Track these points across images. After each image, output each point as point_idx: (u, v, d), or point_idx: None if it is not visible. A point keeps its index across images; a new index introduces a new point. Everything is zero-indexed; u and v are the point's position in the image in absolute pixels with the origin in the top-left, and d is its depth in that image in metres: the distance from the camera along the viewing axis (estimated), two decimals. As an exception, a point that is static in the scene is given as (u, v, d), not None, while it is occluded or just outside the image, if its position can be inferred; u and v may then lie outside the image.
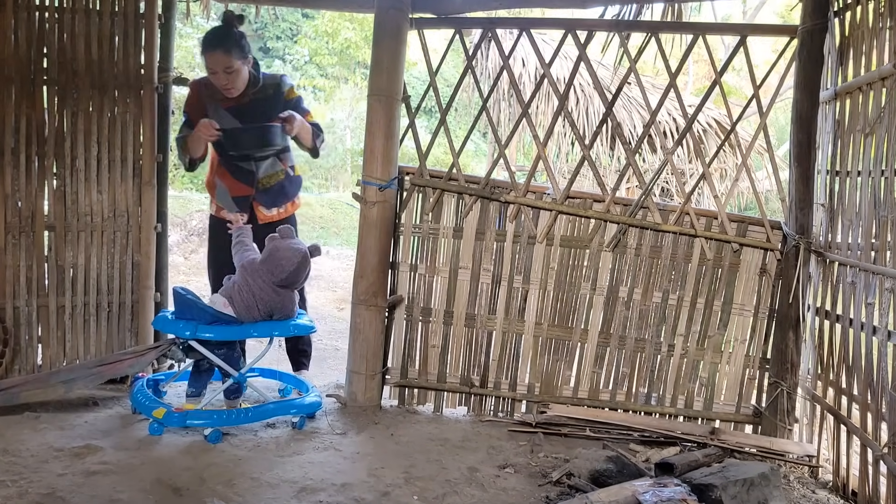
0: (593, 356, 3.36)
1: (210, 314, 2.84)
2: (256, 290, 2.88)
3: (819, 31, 3.05)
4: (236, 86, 3.17)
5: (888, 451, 2.47)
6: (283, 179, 3.37)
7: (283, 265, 2.87)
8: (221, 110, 3.24)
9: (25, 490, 2.24)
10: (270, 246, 2.93)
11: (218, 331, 2.84)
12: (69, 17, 3.20)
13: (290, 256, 2.88)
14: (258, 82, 3.26)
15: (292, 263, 2.87)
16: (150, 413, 2.77)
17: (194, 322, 2.81)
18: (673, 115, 7.44)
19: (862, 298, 2.68)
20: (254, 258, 2.97)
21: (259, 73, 3.27)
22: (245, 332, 2.94)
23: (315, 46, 16.20)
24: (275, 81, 3.33)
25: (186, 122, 3.30)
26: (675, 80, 3.22)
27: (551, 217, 3.30)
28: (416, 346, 3.44)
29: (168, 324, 2.90)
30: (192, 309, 2.85)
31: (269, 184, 3.33)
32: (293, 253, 2.89)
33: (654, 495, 2.19)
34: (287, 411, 3.00)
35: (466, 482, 2.55)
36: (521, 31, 3.35)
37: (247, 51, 3.16)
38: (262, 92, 3.27)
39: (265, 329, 2.95)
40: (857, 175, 2.83)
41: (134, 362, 2.98)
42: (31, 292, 3.23)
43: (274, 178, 3.35)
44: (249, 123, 3.21)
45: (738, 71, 13.67)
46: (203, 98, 3.27)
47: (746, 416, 3.29)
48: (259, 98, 3.26)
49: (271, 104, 3.26)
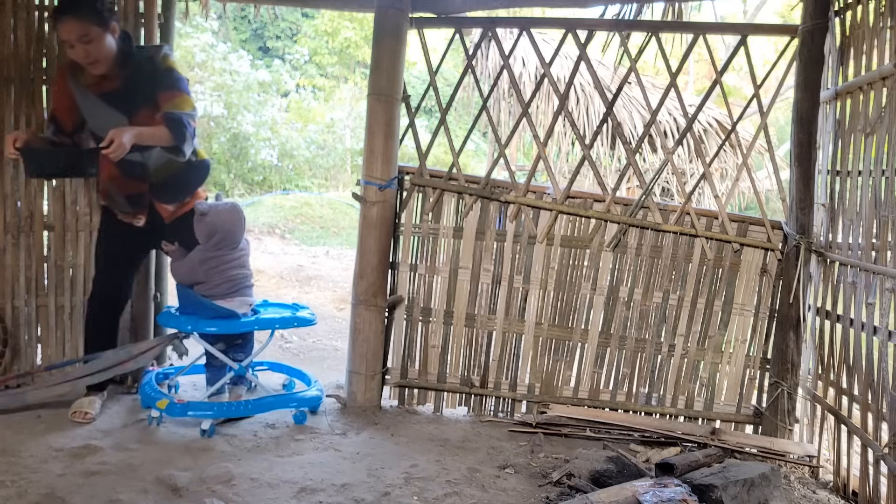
0: (594, 356, 3.36)
1: (211, 309, 2.91)
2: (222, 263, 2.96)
3: (820, 30, 3.05)
4: (99, 58, 2.68)
5: (889, 452, 2.46)
6: (183, 167, 2.94)
7: (229, 227, 2.95)
8: (91, 96, 2.80)
9: (25, 490, 2.24)
10: (207, 221, 2.92)
11: (219, 325, 2.92)
12: (69, 17, 3.19)
13: (231, 219, 2.97)
14: (129, 57, 2.78)
15: (234, 222, 2.97)
16: (154, 404, 2.84)
17: (196, 317, 2.90)
18: (673, 115, 7.44)
19: (862, 298, 2.68)
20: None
21: (130, 47, 2.81)
22: (246, 326, 2.99)
23: (315, 46, 16.22)
24: (148, 55, 2.84)
25: (51, 117, 2.89)
26: (675, 79, 3.21)
27: (551, 217, 3.30)
28: (416, 346, 3.44)
29: (172, 319, 2.99)
30: (195, 304, 2.92)
31: (165, 175, 2.93)
32: (230, 213, 2.97)
33: (655, 496, 2.18)
34: (287, 404, 3.04)
35: (466, 482, 2.55)
36: (522, 31, 3.35)
37: (107, 16, 2.69)
38: (135, 70, 2.78)
39: (267, 323, 3.05)
40: (857, 175, 2.82)
41: (140, 359, 3.01)
42: (31, 292, 3.23)
43: (170, 167, 2.92)
44: (125, 108, 2.77)
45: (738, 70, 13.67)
46: (69, 83, 2.81)
47: (747, 416, 3.29)
48: (132, 78, 2.79)
49: (148, 83, 2.79)
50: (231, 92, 11.63)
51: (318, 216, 10.46)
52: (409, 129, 3.39)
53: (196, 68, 11.41)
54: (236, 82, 11.80)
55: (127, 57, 2.77)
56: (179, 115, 2.77)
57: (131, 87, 2.78)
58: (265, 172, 12.04)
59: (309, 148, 12.95)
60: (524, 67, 7.33)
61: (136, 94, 2.79)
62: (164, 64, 2.83)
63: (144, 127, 2.71)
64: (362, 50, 15.79)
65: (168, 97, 2.79)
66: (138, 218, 2.96)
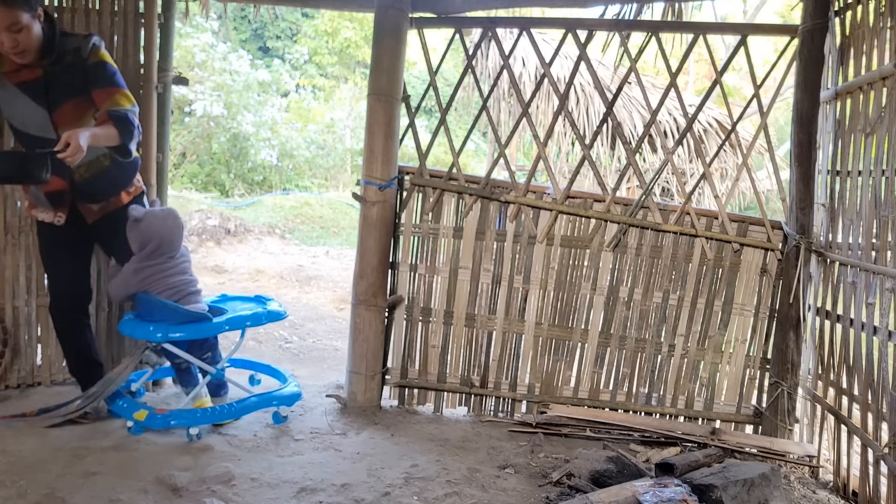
0: (594, 356, 3.36)
1: (182, 314, 2.78)
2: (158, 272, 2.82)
3: (820, 30, 3.05)
4: (27, 48, 2.51)
5: (889, 452, 2.46)
6: (110, 166, 2.78)
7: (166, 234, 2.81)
8: (11, 87, 2.61)
9: (25, 490, 2.24)
10: (142, 227, 2.78)
11: (189, 329, 2.79)
12: (69, 17, 3.19)
13: (168, 225, 2.83)
14: (52, 46, 2.58)
15: (171, 228, 2.84)
16: (131, 416, 2.75)
17: (165, 323, 2.75)
18: (673, 115, 7.44)
19: (862, 298, 2.68)
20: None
21: (55, 34, 2.59)
22: (217, 328, 2.89)
23: (315, 46, 16.22)
24: (74, 45, 2.63)
25: None
26: (675, 79, 3.21)
27: (551, 217, 3.30)
28: (416, 346, 3.44)
29: (137, 327, 2.80)
30: (163, 310, 2.77)
31: (88, 173, 2.75)
32: (166, 219, 2.83)
33: (655, 496, 2.18)
34: (269, 403, 3.01)
35: (467, 482, 2.55)
36: (522, 31, 3.35)
37: (34, 1, 2.50)
38: (58, 60, 2.60)
39: (237, 321, 2.93)
40: (857, 175, 2.82)
41: (119, 381, 2.82)
42: (31, 292, 3.23)
43: (95, 166, 2.75)
44: (47, 101, 2.60)
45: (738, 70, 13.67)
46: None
47: (747, 416, 3.29)
48: (55, 68, 2.61)
49: (74, 76, 2.62)
50: (231, 92, 11.62)
51: (318, 216, 10.45)
52: (409, 129, 3.39)
53: (196, 68, 11.40)
54: (236, 82, 11.80)
55: (50, 45, 2.57)
56: (124, 112, 2.63)
57: (53, 79, 2.60)
58: (265, 172, 12.04)
59: (309, 148, 12.95)
60: (524, 67, 7.33)
61: (59, 86, 2.61)
62: (93, 57, 2.63)
63: (96, 128, 2.56)
64: (362, 50, 15.79)
65: (106, 94, 2.64)
66: (58, 216, 2.78)
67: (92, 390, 2.84)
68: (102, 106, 2.64)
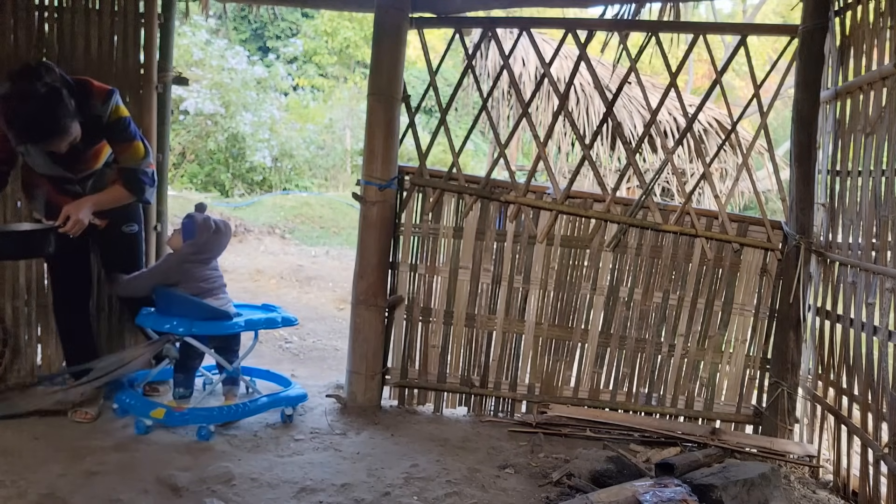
0: (594, 356, 3.36)
1: (206, 310, 2.85)
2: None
3: (820, 30, 3.05)
4: (76, 140, 2.60)
5: (889, 452, 2.46)
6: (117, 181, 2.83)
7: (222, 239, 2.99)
8: (35, 149, 2.63)
9: (25, 490, 2.24)
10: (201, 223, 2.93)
11: (210, 327, 2.87)
12: (69, 17, 3.20)
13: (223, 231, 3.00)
14: (77, 123, 2.58)
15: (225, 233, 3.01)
16: (148, 413, 2.76)
17: (188, 319, 2.82)
18: (673, 115, 7.44)
19: (862, 298, 2.68)
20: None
21: (84, 114, 2.61)
22: (234, 327, 2.94)
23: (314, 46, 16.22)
24: (96, 113, 2.65)
25: None
26: (675, 79, 3.21)
27: (551, 217, 3.30)
28: (416, 346, 3.43)
29: (159, 321, 2.84)
30: (185, 305, 2.83)
31: (94, 190, 2.83)
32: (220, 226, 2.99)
33: (655, 496, 2.18)
34: (279, 404, 3.05)
35: (467, 482, 2.55)
36: (521, 31, 3.35)
37: (73, 105, 2.53)
38: (83, 131, 2.62)
39: (254, 323, 3.01)
40: (857, 175, 2.82)
41: (132, 365, 2.89)
42: (31, 292, 3.23)
43: (103, 181, 2.85)
44: (70, 165, 2.68)
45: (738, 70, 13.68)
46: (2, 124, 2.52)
47: (747, 416, 3.29)
48: (80, 139, 2.63)
49: (92, 135, 2.67)
50: (229, 90, 11.59)
51: (318, 216, 10.45)
52: (409, 129, 3.39)
53: (193, 66, 11.37)
54: (234, 80, 11.76)
55: (77, 123, 2.59)
56: (133, 170, 2.74)
57: (77, 147, 2.65)
58: (265, 172, 12.02)
59: (308, 148, 12.94)
60: (524, 67, 7.34)
61: (81, 150, 2.69)
62: (113, 115, 2.67)
63: (101, 194, 2.71)
64: (362, 50, 15.80)
65: (121, 149, 2.73)
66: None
67: (105, 363, 2.85)
68: (118, 159, 2.77)
